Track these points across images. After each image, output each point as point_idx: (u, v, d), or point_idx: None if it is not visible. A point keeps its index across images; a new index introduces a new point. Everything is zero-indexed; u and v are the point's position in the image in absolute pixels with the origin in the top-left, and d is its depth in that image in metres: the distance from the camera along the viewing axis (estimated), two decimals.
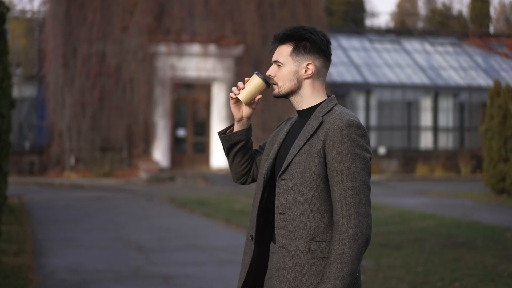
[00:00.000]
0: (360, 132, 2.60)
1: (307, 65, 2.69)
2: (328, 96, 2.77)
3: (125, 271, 7.62)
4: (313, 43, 2.69)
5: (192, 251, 9.01)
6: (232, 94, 2.78)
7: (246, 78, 2.78)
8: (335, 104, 2.71)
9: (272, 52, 2.76)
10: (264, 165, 2.77)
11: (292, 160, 2.62)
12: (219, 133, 2.88)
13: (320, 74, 2.71)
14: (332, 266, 2.50)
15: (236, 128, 2.85)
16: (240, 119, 2.84)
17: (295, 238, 2.58)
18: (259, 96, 2.76)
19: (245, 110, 2.82)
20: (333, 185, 2.55)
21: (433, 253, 8.52)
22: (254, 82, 2.74)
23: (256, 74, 2.75)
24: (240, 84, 2.76)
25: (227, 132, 2.87)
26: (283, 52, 2.71)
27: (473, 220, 11.87)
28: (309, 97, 2.71)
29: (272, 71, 2.72)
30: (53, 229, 10.83)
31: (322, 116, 2.65)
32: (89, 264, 7.98)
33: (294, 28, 2.74)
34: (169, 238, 9.97)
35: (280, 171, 2.65)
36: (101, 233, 10.49)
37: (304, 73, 2.69)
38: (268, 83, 2.73)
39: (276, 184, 2.66)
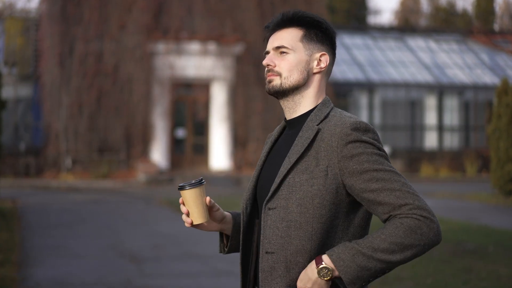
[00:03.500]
0: (371, 135, 2.08)
1: (321, 55, 2.18)
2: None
3: (115, 283, 7.16)
4: (325, 32, 2.19)
5: (188, 260, 8.54)
6: (187, 225, 2.25)
7: (180, 200, 2.23)
8: (332, 109, 2.17)
9: (266, 40, 2.22)
10: (243, 196, 2.23)
11: (281, 183, 2.08)
12: (222, 252, 2.38)
13: (328, 70, 2.21)
14: (366, 240, 2.00)
15: (224, 230, 2.31)
16: (220, 227, 2.30)
17: (289, 285, 2.05)
18: (208, 199, 2.20)
19: (213, 218, 2.27)
20: (370, 205, 2.04)
21: (442, 262, 8.05)
22: (189, 197, 2.18)
23: (180, 188, 2.19)
24: (182, 209, 2.22)
25: (226, 246, 2.35)
26: (291, 36, 2.17)
27: (482, 224, 11.41)
28: (310, 99, 2.18)
29: (270, 59, 2.17)
30: (44, 235, 10.37)
31: (317, 125, 2.11)
32: (78, 275, 7.52)
33: (299, 11, 2.21)
34: (164, 246, 9.51)
35: (266, 198, 2.09)
36: (94, 240, 10.04)
37: (316, 65, 2.17)
38: (199, 182, 2.18)
39: (261, 215, 2.11)
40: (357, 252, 1.98)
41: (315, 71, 2.17)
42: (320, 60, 2.17)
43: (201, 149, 22.30)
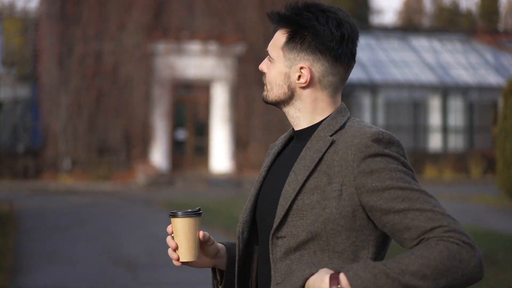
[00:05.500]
0: (395, 149, 1.75)
1: (300, 68, 1.82)
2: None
3: None
4: (315, 36, 1.80)
5: (185, 268, 8.22)
6: (175, 262, 1.87)
7: (168, 229, 1.86)
8: (348, 118, 1.83)
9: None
10: (240, 218, 1.90)
11: (291, 206, 1.74)
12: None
13: (324, 83, 1.82)
14: (392, 259, 1.64)
15: (218, 265, 1.96)
16: (213, 263, 1.96)
17: None
18: (201, 234, 1.86)
19: (206, 253, 1.92)
20: (394, 231, 1.69)
21: None
22: (181, 227, 1.82)
23: (172, 215, 1.83)
24: (170, 242, 1.85)
25: (221, 282, 1.99)
26: (276, 41, 1.85)
27: (490, 228, 11.11)
28: (309, 114, 1.84)
29: (263, 65, 1.87)
30: (39, 240, 10.10)
31: (330, 136, 1.78)
32: (71, 284, 7.25)
33: (295, 4, 1.85)
34: (162, 251, 9.21)
35: (274, 227, 1.76)
36: (90, 245, 9.77)
37: (297, 80, 1.83)
38: (195, 212, 1.83)
39: (270, 245, 1.78)
40: (380, 272, 1.62)
41: (299, 85, 1.82)
42: (301, 73, 1.82)
43: (202, 150, 22.01)
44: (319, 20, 1.80)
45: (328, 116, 1.84)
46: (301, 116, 1.84)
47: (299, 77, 1.82)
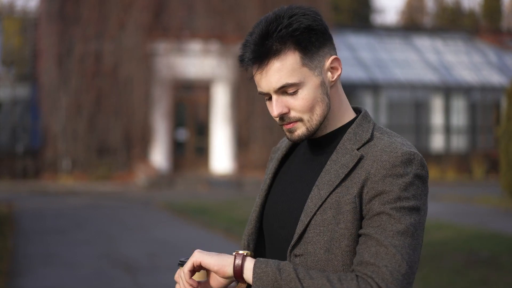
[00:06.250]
0: (423, 172, 1.64)
1: (332, 60, 1.67)
2: (355, 111, 1.75)
3: None
4: (317, 29, 1.66)
5: None
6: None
7: (176, 276, 1.70)
8: (374, 126, 1.70)
9: (253, 78, 1.69)
10: (245, 230, 1.78)
11: (310, 222, 1.62)
12: None
13: (339, 76, 1.72)
14: (310, 273, 1.55)
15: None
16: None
17: None
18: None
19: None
20: (362, 243, 1.58)
21: (455, 273, 7.59)
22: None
23: (180, 264, 1.69)
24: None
25: None
26: (287, 66, 1.63)
27: (494, 230, 10.95)
28: (335, 115, 1.70)
29: (281, 107, 1.66)
30: (37, 242, 9.95)
31: (358, 149, 1.65)
32: (70, 287, 7.09)
33: (274, 21, 1.68)
34: (161, 254, 9.07)
35: (292, 243, 1.63)
36: (88, 247, 9.61)
37: (332, 77, 1.68)
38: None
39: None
40: (289, 273, 1.56)
41: (332, 84, 1.69)
42: (332, 66, 1.68)
43: (203, 151, 21.84)
44: (305, 15, 1.66)
45: (351, 122, 1.70)
46: (327, 124, 1.70)
47: (332, 71, 1.68)
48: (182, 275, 1.66)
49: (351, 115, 1.73)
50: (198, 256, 1.64)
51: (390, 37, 26.21)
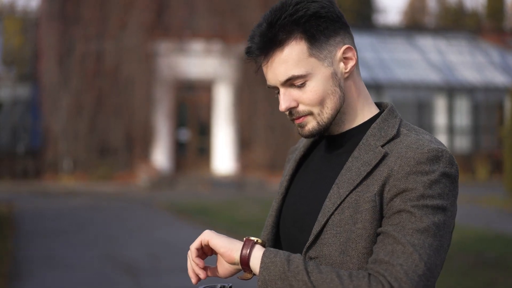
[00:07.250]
0: (452, 171, 1.50)
1: (345, 50, 1.55)
2: (379, 106, 1.63)
3: None
4: (327, 16, 1.53)
5: (187, 273, 7.97)
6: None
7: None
8: (401, 122, 1.58)
9: (259, 70, 1.62)
10: (261, 237, 1.67)
11: (327, 222, 1.51)
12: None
13: (357, 65, 1.59)
14: (322, 268, 1.44)
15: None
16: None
17: None
18: None
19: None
20: (378, 242, 1.47)
21: (463, 274, 7.47)
22: None
23: None
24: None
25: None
26: (294, 57, 1.53)
27: (500, 231, 10.85)
28: (353, 110, 1.58)
29: (289, 100, 1.55)
30: (38, 244, 9.83)
31: (382, 146, 1.53)
32: None
33: (279, 9, 1.54)
34: (163, 256, 8.95)
35: (307, 244, 1.53)
36: (89, 248, 9.50)
37: (345, 68, 1.56)
38: None
39: None
40: (299, 269, 1.46)
41: (346, 75, 1.56)
42: (346, 57, 1.56)
43: (205, 151, 21.72)
44: (313, 5, 1.53)
45: (375, 117, 1.58)
46: (345, 118, 1.58)
47: (346, 61, 1.55)
48: (189, 253, 1.62)
49: (374, 110, 1.61)
50: (207, 235, 1.57)
51: (392, 37, 26.08)
